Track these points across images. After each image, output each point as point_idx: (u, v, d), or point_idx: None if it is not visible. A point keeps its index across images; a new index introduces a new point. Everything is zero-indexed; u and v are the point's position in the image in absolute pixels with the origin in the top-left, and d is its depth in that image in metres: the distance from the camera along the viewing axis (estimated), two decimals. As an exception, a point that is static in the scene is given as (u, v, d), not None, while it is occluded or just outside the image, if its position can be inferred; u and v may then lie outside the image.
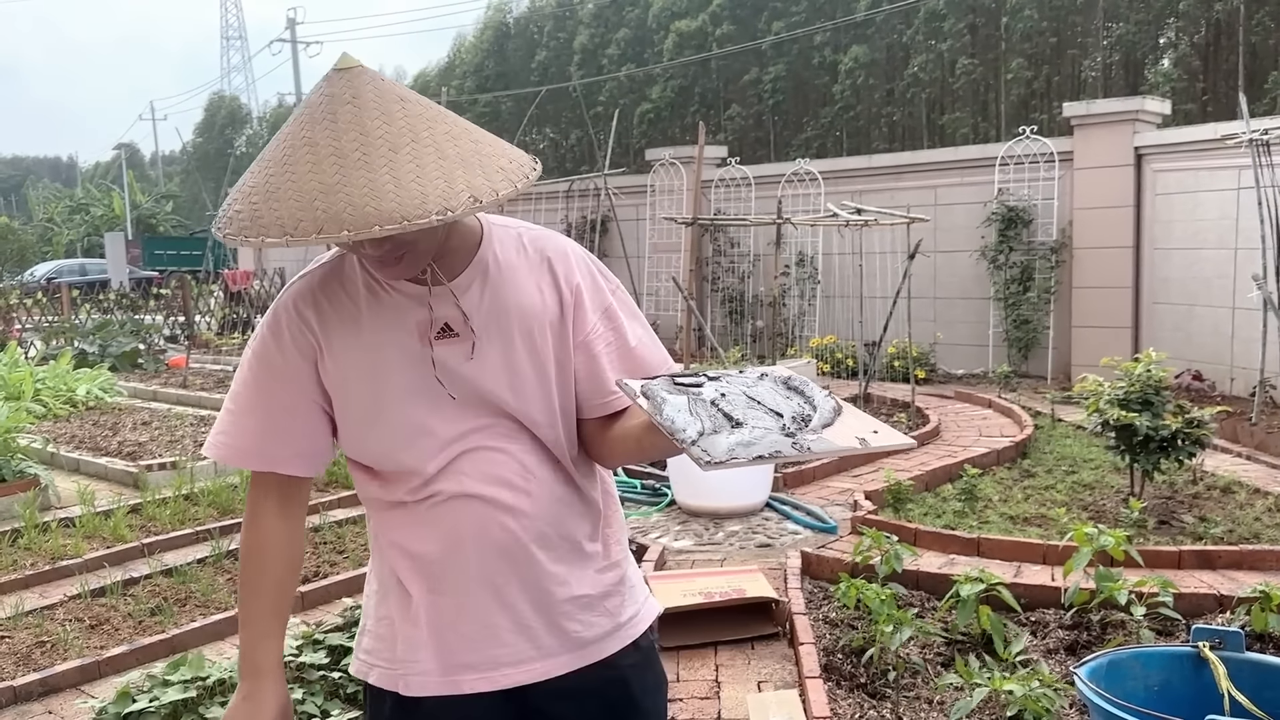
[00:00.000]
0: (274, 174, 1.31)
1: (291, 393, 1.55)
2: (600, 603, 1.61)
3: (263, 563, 1.59)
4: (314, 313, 1.53)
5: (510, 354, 1.53)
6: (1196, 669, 2.01)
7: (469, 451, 1.52)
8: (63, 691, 3.67)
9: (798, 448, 1.36)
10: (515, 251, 1.58)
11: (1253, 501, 5.52)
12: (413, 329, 1.51)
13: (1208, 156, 8.72)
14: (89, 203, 44.53)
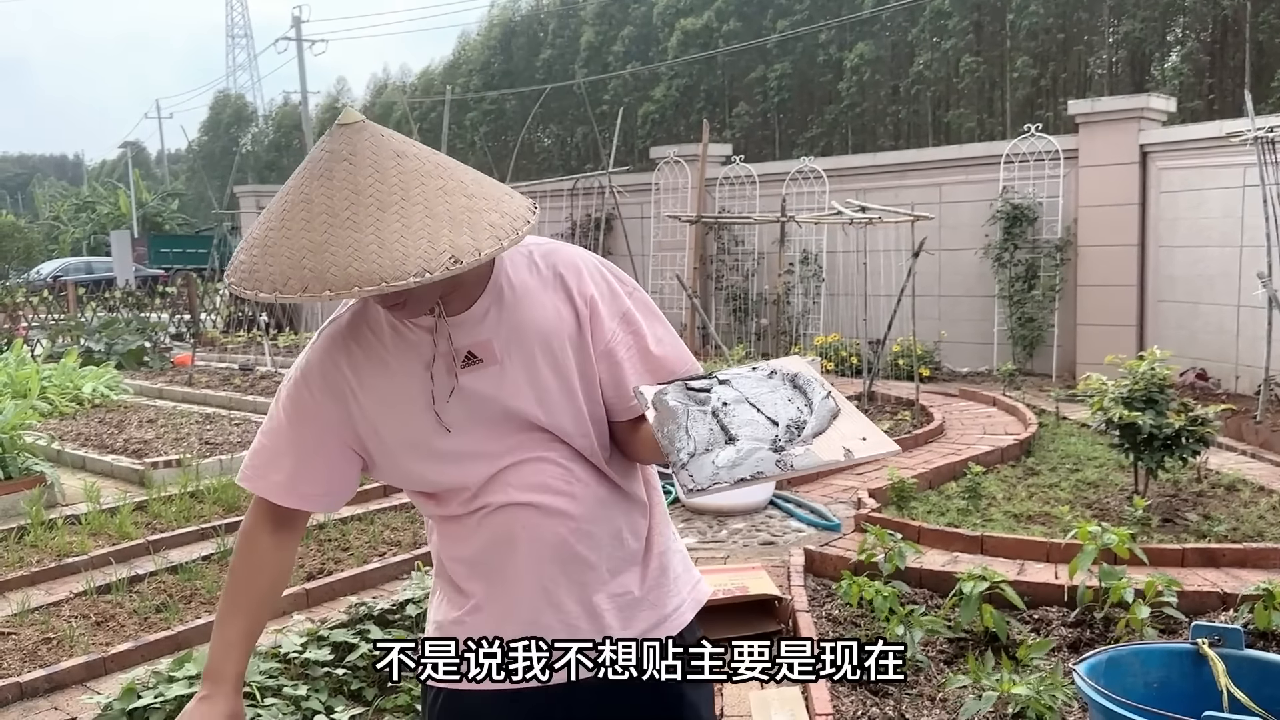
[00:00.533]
0: (272, 229, 1.37)
1: (322, 434, 1.61)
2: (645, 598, 1.67)
3: (250, 582, 1.65)
4: (344, 356, 1.59)
5: (534, 372, 1.58)
6: (1196, 666, 2.01)
7: (512, 465, 1.58)
8: (69, 688, 3.69)
9: (781, 465, 1.39)
10: (528, 271, 1.62)
11: (1257, 499, 5.51)
12: (427, 362, 1.56)
13: (1213, 154, 8.70)
14: (95, 201, 44.63)
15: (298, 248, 1.33)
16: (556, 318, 1.59)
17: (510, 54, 34.91)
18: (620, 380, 1.63)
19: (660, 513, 1.75)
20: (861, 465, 6.57)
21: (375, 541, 5.22)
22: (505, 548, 1.59)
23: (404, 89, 39.06)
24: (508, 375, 1.57)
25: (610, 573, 1.63)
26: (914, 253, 8.13)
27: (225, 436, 7.98)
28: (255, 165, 48.81)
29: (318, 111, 43.51)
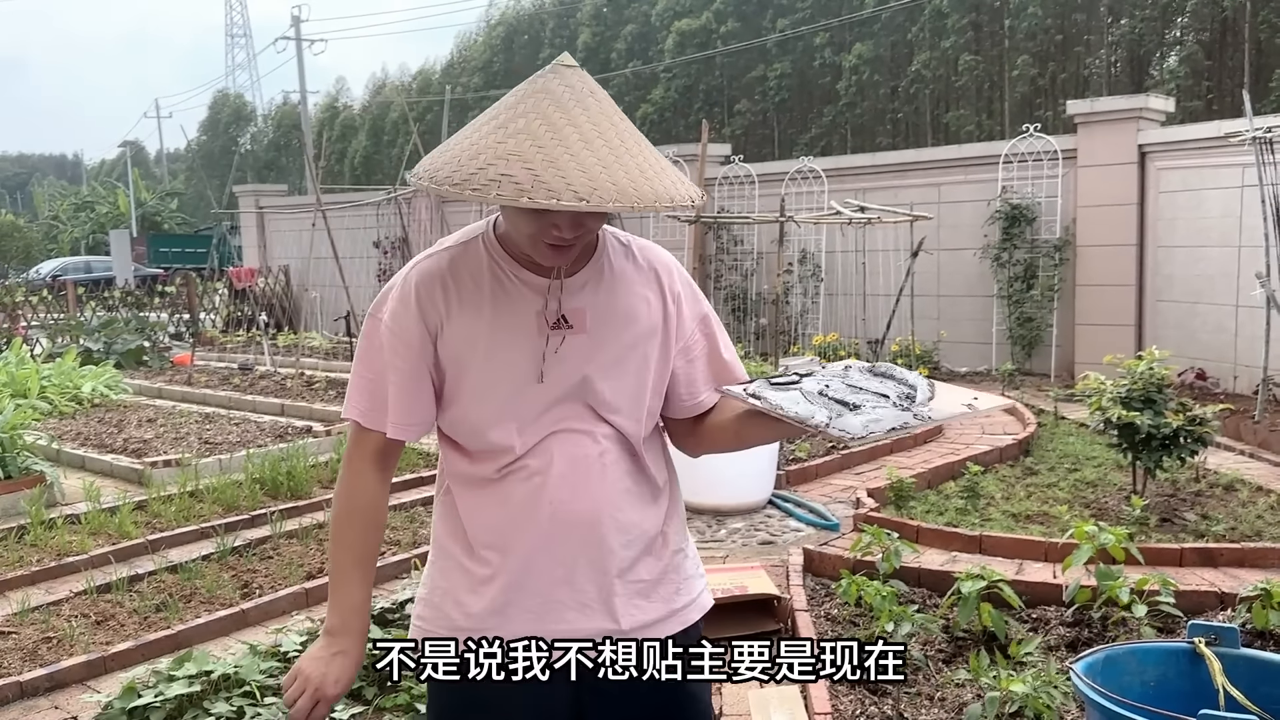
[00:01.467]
0: (544, 145, 1.42)
1: (416, 361, 1.65)
2: (655, 589, 1.71)
3: (366, 530, 1.70)
4: (441, 290, 1.64)
5: (615, 352, 1.66)
6: (1193, 665, 2.02)
7: (556, 434, 1.63)
8: (69, 687, 3.70)
9: (919, 418, 1.56)
10: (625, 259, 1.72)
11: (1255, 499, 5.52)
12: (532, 317, 1.62)
13: (1211, 154, 8.71)
14: (94, 200, 44.64)
15: (587, 164, 1.41)
16: (646, 307, 1.69)
17: (512, 53, 34.92)
18: (693, 378, 1.75)
19: (680, 513, 1.80)
20: (863, 464, 6.57)
21: (375, 541, 5.22)
22: (531, 518, 1.62)
23: (402, 89, 39.04)
24: (590, 348, 1.64)
25: (628, 558, 1.68)
26: (913, 252, 8.14)
27: (225, 436, 7.98)
28: (254, 165, 48.80)
29: (317, 111, 43.51)
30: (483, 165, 1.42)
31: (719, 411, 1.75)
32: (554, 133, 1.43)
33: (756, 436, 1.70)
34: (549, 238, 1.55)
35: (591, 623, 1.65)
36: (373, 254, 15.70)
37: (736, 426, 1.70)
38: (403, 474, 6.58)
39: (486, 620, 1.65)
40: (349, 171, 38.83)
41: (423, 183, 1.49)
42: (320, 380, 10.63)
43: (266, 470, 6.27)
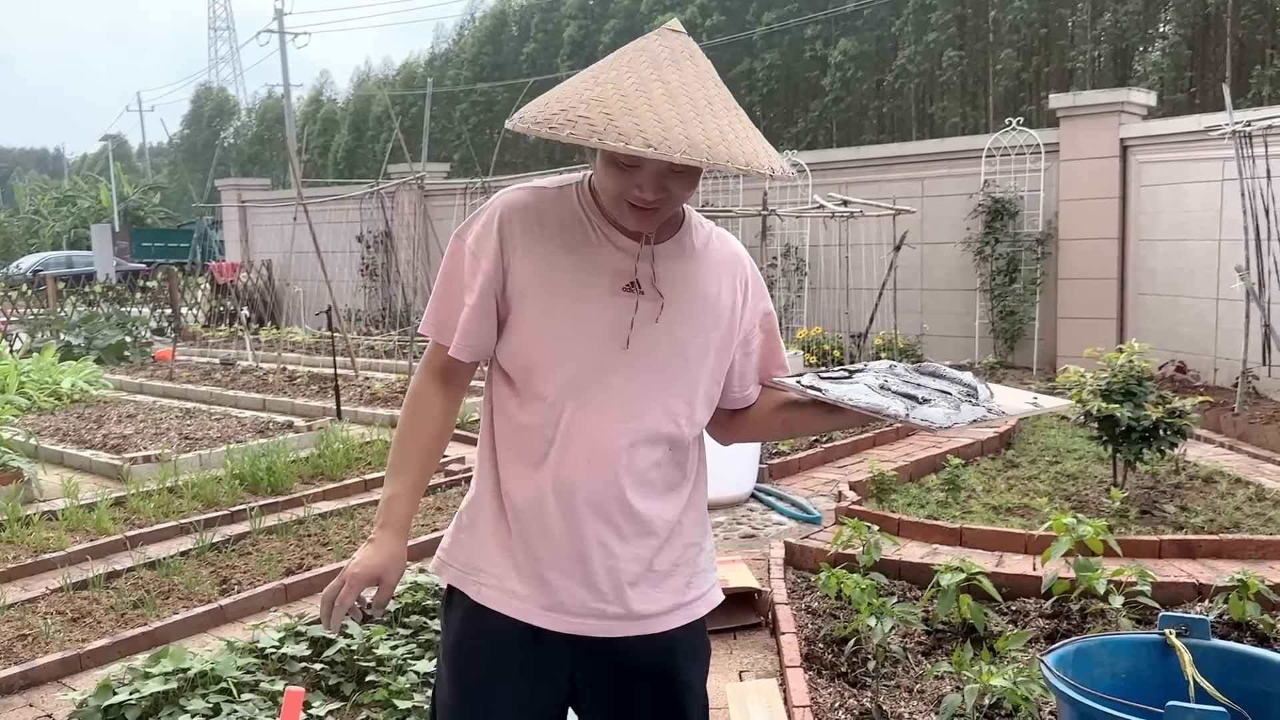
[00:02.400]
0: (627, 94, 1.46)
1: (486, 286, 1.67)
2: (666, 580, 1.71)
3: (421, 433, 1.73)
4: (523, 222, 1.66)
5: (683, 329, 1.67)
6: (1164, 656, 2.02)
7: (599, 403, 1.63)
8: (44, 684, 3.67)
9: (994, 412, 1.62)
10: (706, 244, 1.75)
11: (1234, 491, 5.55)
12: (608, 275, 1.64)
13: (1192, 148, 8.75)
14: (76, 195, 44.25)
15: (665, 117, 1.44)
16: (718, 290, 1.71)
17: (499, 45, 34.78)
18: (746, 371, 1.79)
19: (700, 506, 1.80)
20: (846, 458, 6.56)
21: (355, 536, 5.20)
22: (556, 482, 1.63)
23: (385, 83, 38.84)
24: (661, 318, 1.65)
25: (643, 545, 1.68)
26: (895, 246, 8.15)
27: (205, 431, 7.93)
28: (238, 159, 48.49)
29: (300, 105, 43.26)
30: (565, 108, 1.47)
31: (761, 402, 1.81)
32: (641, 86, 1.47)
33: (805, 427, 1.79)
34: (631, 197, 1.57)
35: (600, 602, 1.66)
36: (356, 248, 15.64)
37: (785, 416, 1.77)
38: (383, 469, 6.55)
39: (506, 568, 1.68)
40: (332, 165, 38.64)
41: (510, 123, 1.55)
42: (302, 375, 10.58)
43: (246, 466, 6.24)
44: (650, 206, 1.58)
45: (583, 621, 1.66)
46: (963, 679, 2.57)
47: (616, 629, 1.68)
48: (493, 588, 1.68)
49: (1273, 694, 1.92)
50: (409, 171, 12.56)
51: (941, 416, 1.58)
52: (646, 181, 1.55)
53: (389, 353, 12.24)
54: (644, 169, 1.54)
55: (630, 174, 1.55)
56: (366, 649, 3.61)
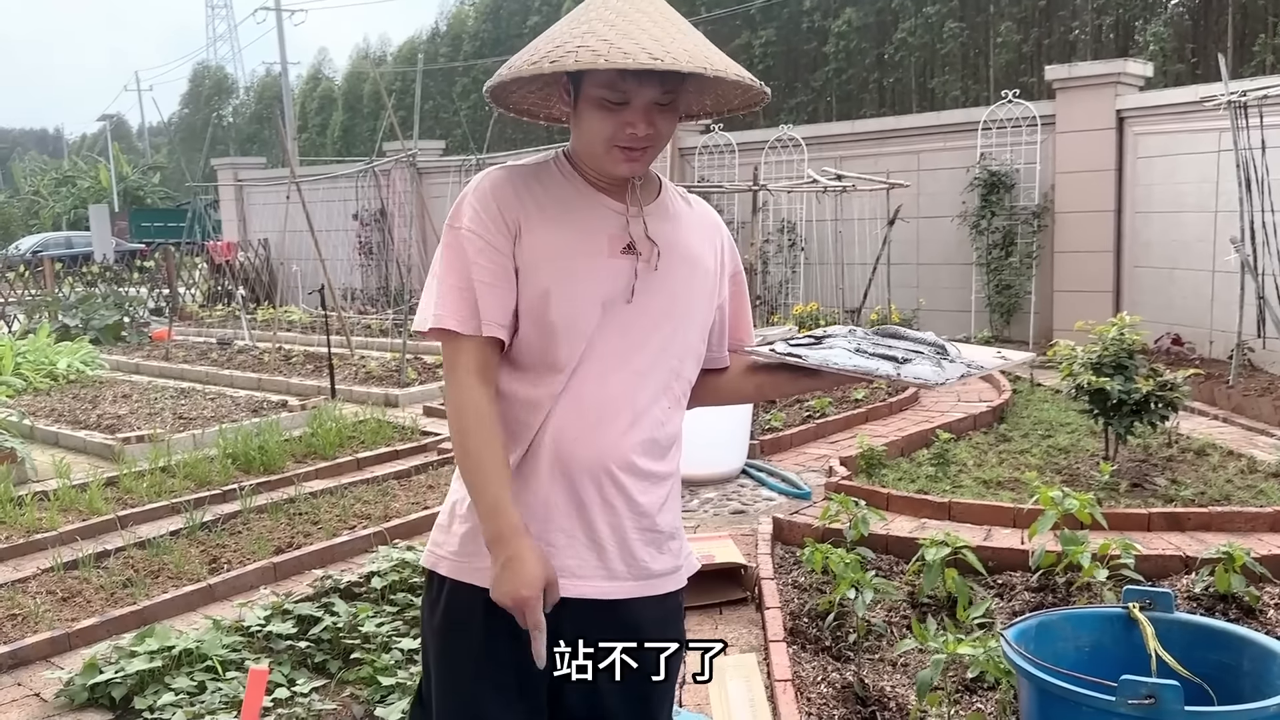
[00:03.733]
0: (615, 24, 1.55)
1: (502, 262, 1.64)
2: (667, 541, 1.74)
3: (480, 424, 1.61)
4: (516, 195, 1.67)
5: (678, 286, 1.71)
6: (1127, 630, 2.02)
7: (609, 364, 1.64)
8: (33, 664, 3.68)
9: (974, 367, 1.66)
10: (685, 206, 1.79)
11: (1225, 464, 5.54)
12: (605, 238, 1.66)
13: (1188, 119, 8.68)
14: (75, 175, 44.15)
15: (658, 36, 1.54)
16: (702, 250, 1.76)
17: (498, 21, 34.52)
18: (722, 331, 1.83)
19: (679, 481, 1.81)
20: (838, 433, 6.55)
21: (346, 515, 5.21)
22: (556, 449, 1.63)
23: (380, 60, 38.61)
24: (656, 279, 1.68)
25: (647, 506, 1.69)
26: (889, 220, 8.11)
27: (200, 411, 7.94)
28: (237, 137, 48.29)
29: (299, 83, 43.03)
30: (559, 44, 1.54)
31: (733, 365, 1.85)
32: (624, 16, 1.56)
33: (778, 390, 1.84)
34: (622, 139, 1.61)
35: (604, 563, 1.67)
36: (351, 227, 15.60)
37: (758, 380, 1.81)
38: (376, 448, 6.57)
39: None
40: (330, 144, 38.47)
41: (502, 76, 1.59)
42: (298, 354, 10.58)
43: (239, 445, 6.25)
44: (641, 146, 1.62)
45: (591, 584, 1.66)
46: (928, 651, 2.57)
47: (625, 590, 1.69)
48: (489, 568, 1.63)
49: (1234, 666, 1.92)
50: (403, 150, 12.50)
51: (931, 373, 1.60)
52: (637, 117, 1.59)
53: (385, 331, 12.23)
54: (633, 105, 1.59)
55: (620, 113, 1.60)
56: (352, 626, 3.63)
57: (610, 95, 1.59)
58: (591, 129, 1.63)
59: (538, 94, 1.78)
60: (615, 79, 1.58)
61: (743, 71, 1.58)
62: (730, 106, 1.79)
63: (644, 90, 1.58)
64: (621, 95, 1.58)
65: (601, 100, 1.60)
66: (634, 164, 1.65)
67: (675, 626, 1.80)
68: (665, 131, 1.64)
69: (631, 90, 1.58)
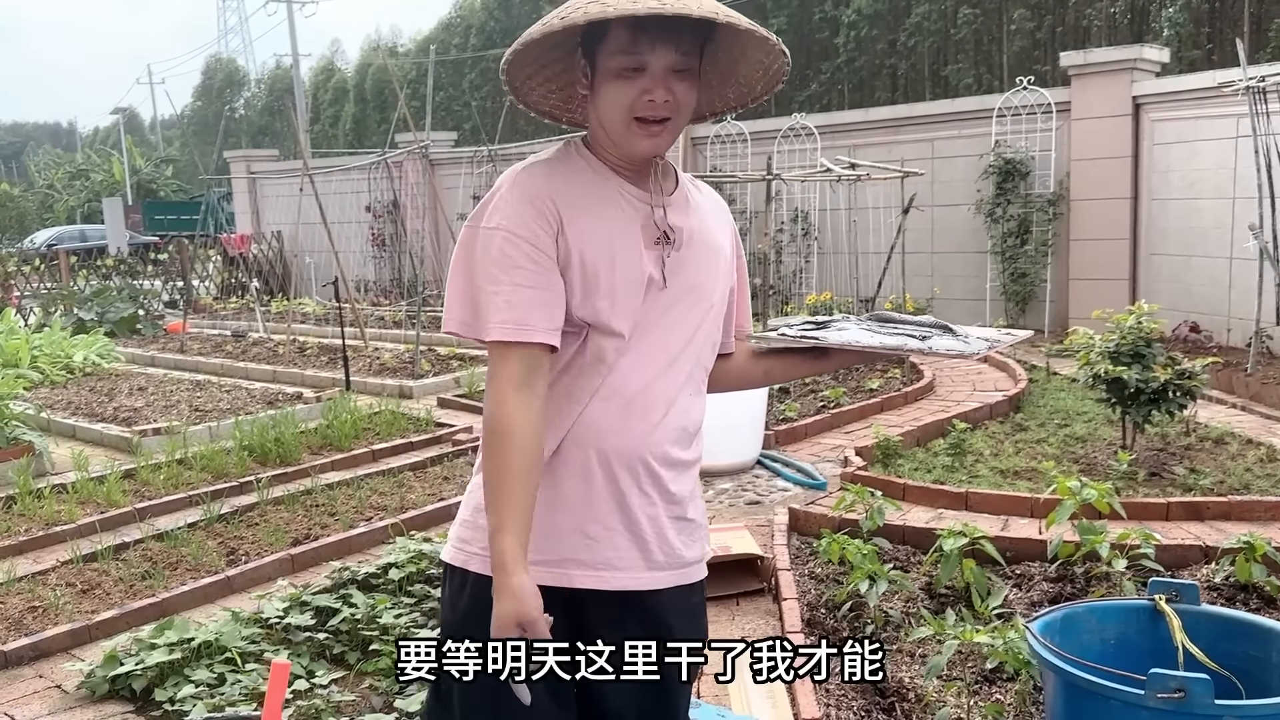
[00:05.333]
0: None
1: (546, 264, 1.61)
2: (696, 530, 1.76)
3: (509, 454, 1.54)
4: (553, 191, 1.64)
5: (702, 277, 1.72)
6: (1153, 622, 2.00)
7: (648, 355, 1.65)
8: (53, 655, 3.71)
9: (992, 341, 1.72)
10: (700, 194, 1.81)
11: (1245, 452, 5.50)
12: (638, 230, 1.66)
13: (1206, 105, 8.60)
14: (89, 168, 44.35)
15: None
16: (720, 238, 1.79)
17: (509, 10, 34.44)
18: (731, 314, 1.85)
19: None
20: (853, 423, 6.52)
21: (362, 506, 5.22)
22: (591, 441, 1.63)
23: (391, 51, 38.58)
24: (685, 267, 1.69)
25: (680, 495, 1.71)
26: (904, 209, 8.06)
27: (215, 403, 7.97)
28: (249, 130, 48.39)
29: (310, 74, 43.07)
30: (565, 11, 1.53)
31: (739, 350, 1.87)
32: None
33: (787, 374, 1.88)
34: (641, 109, 1.59)
35: (644, 554, 1.67)
36: (365, 219, 15.61)
37: (766, 365, 1.85)
38: (391, 439, 6.59)
39: (543, 539, 1.62)
40: (342, 136, 38.52)
41: (515, 48, 1.59)
42: (312, 346, 10.60)
43: (255, 437, 6.27)
44: (660, 117, 1.61)
45: (630, 575, 1.67)
46: (944, 639, 2.57)
47: (661, 580, 1.69)
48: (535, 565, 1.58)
49: (1261, 658, 1.91)
50: (415, 141, 12.50)
51: (959, 345, 1.64)
52: (656, 83, 1.59)
53: (398, 323, 12.25)
54: (650, 71, 1.58)
55: (637, 81, 1.59)
56: (370, 618, 3.64)
57: (627, 61, 1.58)
58: (610, 101, 1.61)
59: (559, 94, 1.77)
60: (630, 43, 1.57)
61: (755, 25, 1.57)
62: (754, 95, 1.77)
63: (660, 54, 1.57)
64: (638, 61, 1.57)
65: (619, 70, 1.59)
66: (655, 140, 1.63)
67: (700, 620, 1.80)
68: (685, 101, 1.62)
69: (647, 55, 1.57)
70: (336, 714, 3.10)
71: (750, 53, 1.67)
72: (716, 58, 1.70)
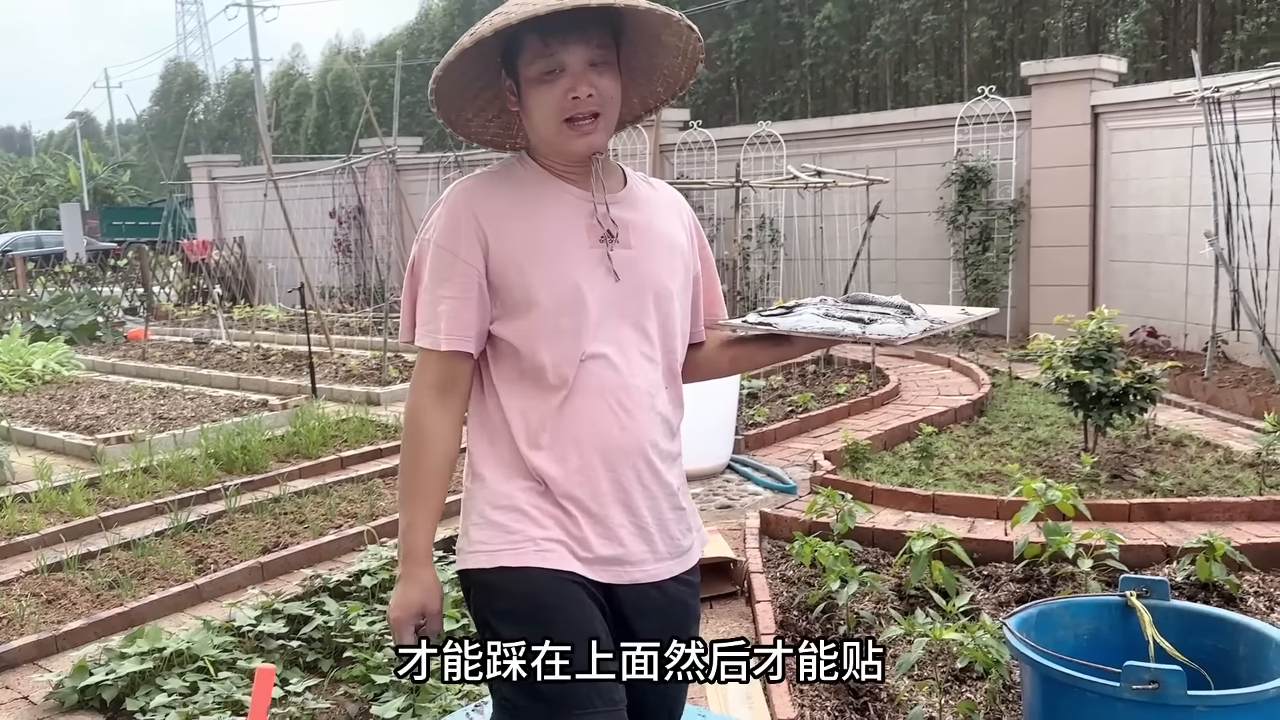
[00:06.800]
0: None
1: (471, 276, 1.67)
2: (689, 517, 1.81)
3: (423, 460, 1.68)
4: (490, 201, 1.68)
5: (660, 270, 1.74)
6: (1125, 618, 2.06)
7: (602, 356, 1.67)
8: (19, 667, 3.66)
9: (936, 323, 1.75)
10: (650, 190, 1.82)
11: (1203, 454, 5.62)
12: (582, 230, 1.68)
13: (1163, 114, 8.79)
14: (44, 173, 43.64)
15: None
16: (674, 230, 1.80)
17: (470, 17, 34.38)
18: (697, 308, 1.87)
19: None
20: (821, 428, 6.57)
21: (331, 514, 5.19)
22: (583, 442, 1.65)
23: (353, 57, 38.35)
24: (636, 263, 1.71)
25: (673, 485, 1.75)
26: (869, 216, 8.16)
27: (179, 411, 7.89)
28: (208, 135, 47.85)
29: (271, 79, 42.69)
30: (475, 28, 1.58)
31: (708, 340, 1.90)
32: None
33: (752, 360, 1.89)
34: (567, 108, 1.62)
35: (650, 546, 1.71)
36: (329, 224, 15.51)
37: (732, 353, 1.86)
38: (360, 446, 6.55)
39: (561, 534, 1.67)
40: (304, 141, 38.20)
41: (437, 74, 1.64)
42: (277, 353, 10.52)
43: (221, 445, 6.21)
44: (589, 112, 1.63)
45: (642, 569, 1.70)
46: (912, 636, 2.62)
47: (667, 569, 1.73)
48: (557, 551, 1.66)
49: (1229, 651, 1.97)
50: (380, 146, 12.45)
51: (896, 329, 1.67)
52: (575, 80, 1.61)
53: (364, 329, 12.18)
54: (569, 70, 1.61)
55: (558, 82, 1.62)
56: (343, 625, 3.62)
57: (544, 65, 1.62)
58: (539, 109, 1.65)
59: (497, 122, 1.81)
60: (542, 48, 1.61)
61: (655, 5, 1.59)
62: (680, 81, 1.79)
63: (574, 50, 1.60)
64: (554, 62, 1.61)
65: (539, 75, 1.63)
66: (589, 137, 1.66)
67: (697, 602, 1.86)
68: (609, 93, 1.65)
69: (561, 54, 1.60)
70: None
71: (665, 38, 1.70)
72: (635, 52, 1.73)
